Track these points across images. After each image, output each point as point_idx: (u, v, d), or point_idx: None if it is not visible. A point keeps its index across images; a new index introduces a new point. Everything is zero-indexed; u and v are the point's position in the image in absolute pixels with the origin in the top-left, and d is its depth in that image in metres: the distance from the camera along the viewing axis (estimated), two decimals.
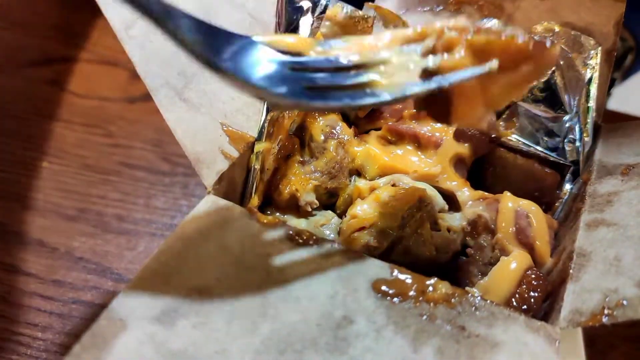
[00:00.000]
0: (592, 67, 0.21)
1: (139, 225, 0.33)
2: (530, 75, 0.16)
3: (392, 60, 0.17)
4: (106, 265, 0.30)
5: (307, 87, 0.16)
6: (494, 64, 0.16)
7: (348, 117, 0.22)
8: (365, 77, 0.16)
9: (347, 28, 0.22)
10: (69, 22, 0.43)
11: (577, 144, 0.22)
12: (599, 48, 0.22)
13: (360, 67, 0.17)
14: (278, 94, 0.15)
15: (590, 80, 0.22)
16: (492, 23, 0.17)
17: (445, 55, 0.16)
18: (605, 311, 0.15)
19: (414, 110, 0.21)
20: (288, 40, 0.17)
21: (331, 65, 0.16)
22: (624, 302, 0.15)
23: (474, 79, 0.16)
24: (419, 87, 0.16)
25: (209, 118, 0.17)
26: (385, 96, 0.16)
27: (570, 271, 0.16)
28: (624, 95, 0.33)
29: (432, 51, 0.17)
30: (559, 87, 0.23)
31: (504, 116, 0.24)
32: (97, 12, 0.19)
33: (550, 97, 0.23)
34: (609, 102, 0.27)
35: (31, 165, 0.35)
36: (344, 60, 0.17)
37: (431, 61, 0.16)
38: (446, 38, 0.17)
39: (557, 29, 0.23)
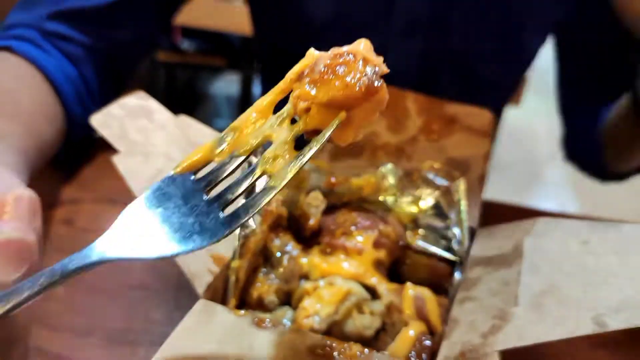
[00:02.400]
0: (461, 190, 0.31)
1: (139, 336, 0.40)
2: (372, 107, 0.21)
3: (273, 135, 0.21)
4: None
5: (221, 208, 0.20)
6: (342, 115, 0.21)
7: (298, 238, 0.31)
8: (258, 171, 0.21)
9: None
10: (73, 167, 0.54)
11: (460, 245, 0.31)
12: (461, 178, 0.32)
13: (253, 152, 0.22)
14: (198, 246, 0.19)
15: (459, 200, 0.31)
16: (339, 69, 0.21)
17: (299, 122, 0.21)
18: (465, 355, 0.23)
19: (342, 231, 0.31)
20: (195, 158, 0.21)
21: (231, 166, 0.21)
22: (472, 348, 0.23)
23: (335, 129, 0.21)
24: (295, 166, 0.20)
25: (204, 252, 0.26)
26: (275, 189, 0.20)
27: (445, 332, 0.25)
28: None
29: (295, 113, 0.21)
30: (444, 206, 0.32)
31: (410, 227, 0.33)
32: (94, 155, 0.28)
33: (439, 213, 0.33)
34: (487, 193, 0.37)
35: None
36: (239, 157, 0.21)
37: (296, 130, 0.21)
38: (300, 107, 0.21)
39: (436, 165, 0.33)
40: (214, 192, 0.21)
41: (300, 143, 0.21)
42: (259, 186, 0.21)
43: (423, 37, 0.53)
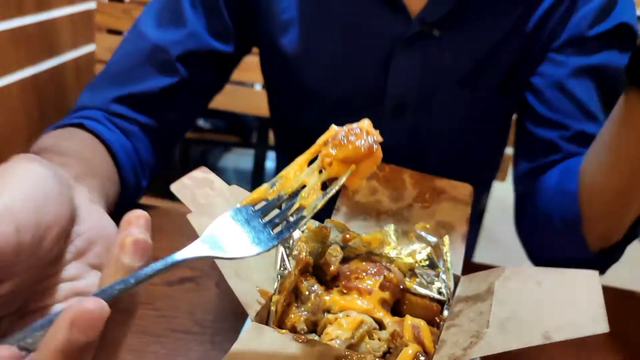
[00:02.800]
0: (447, 245, 0.41)
1: None
2: (372, 162, 0.32)
3: (307, 181, 0.31)
4: None
5: (272, 228, 0.29)
6: (352, 167, 0.31)
7: (321, 281, 0.40)
8: (297, 204, 0.30)
9: (316, 233, 0.41)
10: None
11: (448, 289, 0.40)
12: (447, 236, 0.41)
13: (294, 195, 0.31)
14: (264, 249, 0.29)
15: (446, 253, 0.40)
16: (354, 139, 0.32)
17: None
18: None
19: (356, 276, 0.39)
20: (254, 195, 0.31)
21: (279, 201, 0.31)
22: (456, 358, 0.31)
23: (347, 176, 0.31)
24: (322, 199, 0.30)
25: (250, 283, 0.35)
26: (306, 217, 0.30)
27: (436, 350, 0.33)
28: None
29: (322, 166, 0.31)
30: (434, 258, 0.41)
31: (408, 275, 0.42)
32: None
33: (431, 264, 0.42)
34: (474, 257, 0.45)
35: None
36: (284, 195, 0.31)
37: (322, 177, 0.31)
38: (325, 162, 0.32)
39: (428, 226, 0.43)
40: (267, 218, 0.31)
41: (324, 186, 0.32)
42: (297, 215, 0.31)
43: (411, 117, 0.62)
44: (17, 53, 1.46)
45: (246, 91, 1.40)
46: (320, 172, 0.32)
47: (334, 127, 0.33)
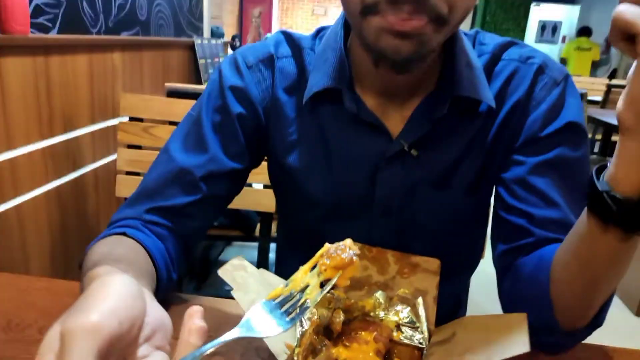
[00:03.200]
0: (421, 306, 0.54)
1: None
2: (353, 268, 0.45)
3: (310, 282, 0.44)
4: None
5: (287, 315, 0.42)
6: (340, 272, 0.44)
7: (330, 337, 0.53)
8: (303, 299, 0.43)
9: (324, 302, 0.55)
10: None
11: (424, 340, 0.53)
12: (420, 298, 0.55)
13: (301, 292, 0.44)
14: (284, 330, 0.42)
15: (422, 312, 0.54)
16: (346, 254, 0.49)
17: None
18: None
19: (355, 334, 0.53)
20: (274, 293, 0.44)
21: (291, 296, 0.44)
22: None
23: (337, 278, 0.44)
24: (320, 294, 0.43)
25: (278, 339, 0.49)
26: (310, 307, 0.42)
27: None
28: None
29: (319, 272, 0.44)
30: (413, 316, 0.55)
31: (395, 330, 0.55)
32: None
33: (411, 320, 0.55)
34: None
35: None
36: (295, 292, 0.44)
37: (320, 279, 0.45)
38: (321, 269, 0.45)
39: (407, 292, 0.56)
40: (284, 308, 0.45)
41: (322, 284, 0.46)
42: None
43: (396, 218, 0.71)
44: (46, 168, 1.65)
45: (248, 190, 1.57)
46: (319, 275, 0.45)
47: (327, 245, 0.47)
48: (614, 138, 4.17)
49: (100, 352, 0.30)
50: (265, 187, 1.58)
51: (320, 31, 0.75)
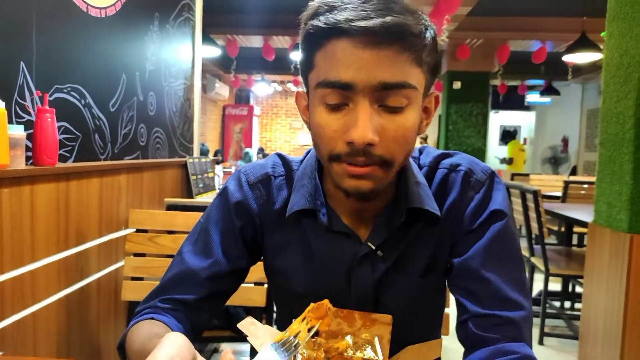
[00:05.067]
0: (377, 344, 0.78)
1: None
2: (328, 319, 0.73)
3: (301, 329, 0.68)
4: None
5: (287, 351, 0.67)
6: (320, 321, 0.72)
7: None
8: (297, 339, 0.68)
9: (310, 344, 0.78)
10: None
11: None
12: (376, 339, 0.79)
13: (295, 336, 0.70)
14: None
15: (377, 349, 0.78)
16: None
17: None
18: None
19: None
20: (278, 338, 0.68)
21: (289, 339, 0.69)
22: None
23: (318, 326, 0.70)
24: (308, 337, 0.70)
25: None
26: (301, 345, 0.68)
27: None
28: None
29: (307, 321, 0.72)
30: (374, 352, 0.78)
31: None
32: None
33: (371, 356, 0.78)
34: None
35: None
36: (291, 336, 0.69)
37: (307, 327, 0.72)
38: (308, 319, 0.71)
39: (368, 337, 0.80)
40: (284, 347, 0.69)
41: (309, 330, 0.71)
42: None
43: (368, 305, 0.83)
44: (59, 279, 1.86)
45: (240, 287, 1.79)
46: (307, 324, 0.68)
47: (312, 304, 0.70)
48: (576, 229, 4.55)
49: None
50: (256, 284, 1.81)
51: (308, 153, 0.88)
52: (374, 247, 0.81)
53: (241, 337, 2.25)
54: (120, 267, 2.25)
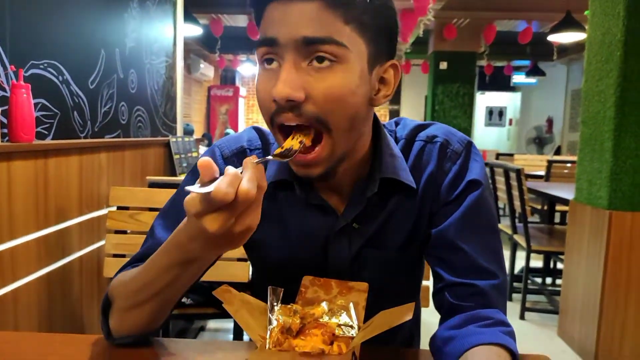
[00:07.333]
0: (352, 310, 0.79)
1: None
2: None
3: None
4: None
5: None
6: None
7: (291, 334, 0.77)
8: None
9: (285, 311, 0.79)
10: None
11: (356, 332, 0.77)
12: (351, 304, 0.80)
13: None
14: None
15: (354, 315, 0.78)
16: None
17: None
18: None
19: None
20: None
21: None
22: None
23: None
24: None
25: (257, 333, 0.72)
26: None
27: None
28: None
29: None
30: (349, 318, 0.79)
31: (337, 328, 0.78)
32: None
33: (348, 321, 0.79)
34: None
35: None
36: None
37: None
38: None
39: (344, 303, 0.81)
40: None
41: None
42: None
43: (348, 273, 0.85)
44: (40, 256, 1.85)
45: (222, 263, 1.80)
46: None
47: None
48: (558, 208, 4.62)
49: None
50: (239, 260, 1.81)
51: None
52: (349, 221, 0.81)
53: (226, 314, 2.26)
54: (102, 245, 2.24)
